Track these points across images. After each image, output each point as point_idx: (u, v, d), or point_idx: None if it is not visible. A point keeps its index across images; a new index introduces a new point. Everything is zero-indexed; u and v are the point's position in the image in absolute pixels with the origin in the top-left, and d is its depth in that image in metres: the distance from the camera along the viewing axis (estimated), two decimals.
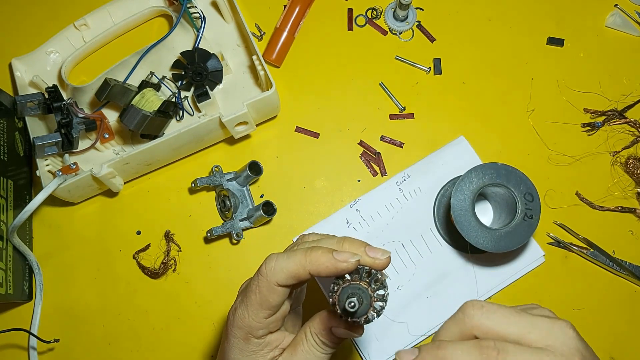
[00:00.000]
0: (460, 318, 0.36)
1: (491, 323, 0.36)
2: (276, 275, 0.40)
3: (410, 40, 0.68)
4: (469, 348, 0.34)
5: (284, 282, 0.40)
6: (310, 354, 0.41)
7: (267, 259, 0.41)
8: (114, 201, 0.66)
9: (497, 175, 0.55)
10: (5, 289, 0.58)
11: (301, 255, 0.39)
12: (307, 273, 0.39)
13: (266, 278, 0.40)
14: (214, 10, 0.68)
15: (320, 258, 0.39)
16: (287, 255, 0.40)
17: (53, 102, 0.59)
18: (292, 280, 0.40)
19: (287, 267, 0.39)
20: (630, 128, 0.64)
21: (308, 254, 0.39)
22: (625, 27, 0.67)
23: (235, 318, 0.42)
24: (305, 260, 0.39)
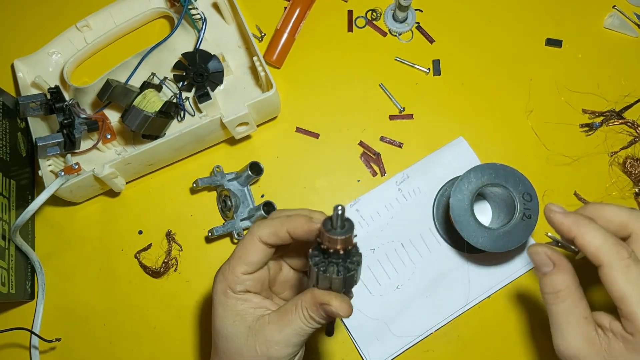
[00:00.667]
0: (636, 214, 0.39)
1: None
2: (260, 230, 0.43)
3: (409, 42, 0.69)
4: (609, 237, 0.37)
5: (265, 238, 0.43)
6: (296, 324, 0.42)
7: (256, 222, 0.45)
8: (115, 201, 0.66)
9: (496, 175, 0.56)
10: (8, 288, 0.58)
11: (283, 217, 0.43)
12: (284, 231, 0.42)
13: (251, 234, 0.44)
14: (215, 11, 0.68)
15: (297, 219, 0.42)
16: (269, 219, 0.44)
17: (55, 102, 0.60)
18: (273, 237, 0.43)
19: (271, 224, 0.43)
20: (628, 128, 0.65)
21: (288, 216, 0.43)
22: (623, 29, 0.68)
23: (217, 275, 0.45)
24: (285, 220, 0.43)
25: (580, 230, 0.38)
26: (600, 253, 0.37)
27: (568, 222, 0.38)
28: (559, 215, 0.39)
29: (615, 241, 0.37)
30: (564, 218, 0.38)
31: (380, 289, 0.61)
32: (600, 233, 0.37)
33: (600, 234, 0.37)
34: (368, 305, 0.61)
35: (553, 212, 0.39)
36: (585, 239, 0.37)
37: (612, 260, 0.36)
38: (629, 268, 0.36)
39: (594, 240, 0.37)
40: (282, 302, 0.48)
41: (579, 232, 0.38)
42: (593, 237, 0.37)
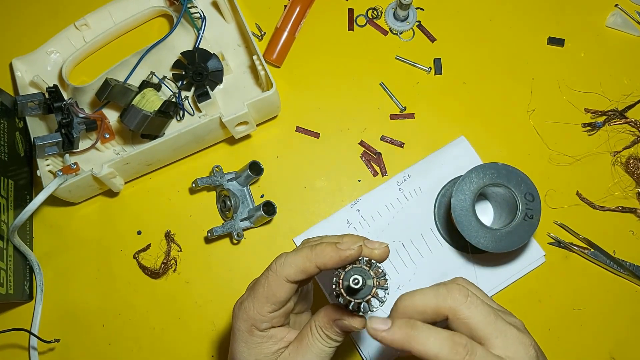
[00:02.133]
0: (443, 294, 0.39)
1: (469, 314, 0.38)
2: (285, 270, 0.41)
3: (410, 40, 0.68)
4: (442, 339, 0.36)
5: (292, 277, 0.41)
6: (315, 347, 0.42)
7: (277, 257, 0.43)
8: (114, 201, 0.66)
9: (498, 175, 0.55)
10: (6, 289, 0.58)
11: (308, 250, 0.41)
12: (314, 266, 0.41)
13: (276, 273, 0.42)
14: (214, 10, 0.68)
15: (325, 249, 0.40)
16: (294, 252, 0.42)
17: (54, 102, 0.59)
18: (301, 274, 0.41)
19: (296, 262, 0.41)
20: (631, 128, 0.64)
21: (314, 248, 0.41)
22: (626, 27, 0.67)
23: (240, 311, 0.43)
24: (312, 254, 0.41)
25: (412, 344, 0.37)
26: (445, 357, 0.36)
27: (399, 339, 0.37)
28: (385, 335, 0.37)
29: (451, 341, 0.36)
30: (392, 335, 0.37)
31: None
32: (433, 339, 0.36)
33: (434, 340, 0.36)
34: None
35: (378, 331, 0.38)
36: (422, 350, 0.36)
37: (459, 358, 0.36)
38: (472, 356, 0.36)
39: (431, 350, 0.36)
40: (301, 318, 0.48)
41: (411, 346, 0.37)
42: (428, 346, 0.36)
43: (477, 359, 0.36)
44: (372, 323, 0.38)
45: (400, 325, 0.38)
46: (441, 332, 0.37)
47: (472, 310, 0.38)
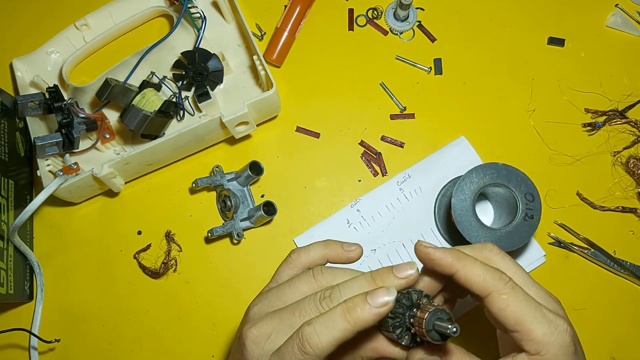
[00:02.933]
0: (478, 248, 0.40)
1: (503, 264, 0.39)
2: (322, 350, 0.36)
3: (410, 40, 0.68)
4: (487, 266, 0.37)
5: (329, 351, 0.36)
6: None
7: (304, 331, 0.36)
8: (114, 201, 0.66)
9: (498, 175, 0.55)
10: (6, 289, 0.58)
11: (341, 320, 0.36)
12: (353, 334, 0.36)
13: (311, 356, 0.36)
14: (214, 10, 0.68)
15: (362, 315, 0.36)
16: (325, 324, 0.36)
17: (54, 102, 0.59)
18: (337, 346, 0.36)
19: (333, 338, 0.36)
20: (631, 128, 0.64)
21: (348, 315, 0.36)
22: (626, 27, 0.67)
23: None
24: (348, 324, 0.36)
25: (461, 264, 0.37)
26: (486, 281, 0.37)
27: (448, 257, 0.38)
28: (438, 253, 0.38)
29: (495, 268, 0.38)
30: (443, 254, 0.38)
31: None
32: (480, 264, 0.37)
33: (480, 265, 0.37)
34: None
35: (428, 248, 0.38)
36: (470, 270, 0.37)
37: (499, 285, 0.37)
38: (515, 289, 0.37)
39: (478, 271, 0.37)
40: None
41: (460, 266, 0.37)
42: (475, 268, 0.37)
43: (518, 287, 0.37)
44: (424, 242, 0.39)
45: (450, 248, 0.38)
46: (486, 264, 0.38)
47: (507, 261, 0.40)
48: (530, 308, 0.36)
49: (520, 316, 0.36)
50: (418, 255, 0.39)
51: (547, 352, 0.36)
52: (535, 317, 0.36)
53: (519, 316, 0.36)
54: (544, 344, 0.36)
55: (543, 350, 0.36)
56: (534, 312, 0.36)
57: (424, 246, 0.39)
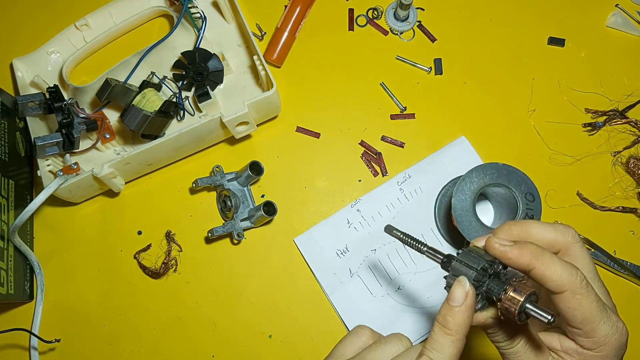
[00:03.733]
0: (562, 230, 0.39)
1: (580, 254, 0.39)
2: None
3: (411, 40, 0.68)
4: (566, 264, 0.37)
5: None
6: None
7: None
8: (114, 201, 0.66)
9: (498, 175, 0.55)
10: (7, 289, 0.58)
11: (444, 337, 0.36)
12: (463, 342, 0.37)
13: None
14: (214, 10, 0.68)
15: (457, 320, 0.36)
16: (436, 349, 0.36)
17: (54, 102, 0.59)
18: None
19: (449, 357, 0.36)
20: (632, 128, 0.64)
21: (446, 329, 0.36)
22: (626, 27, 0.67)
23: None
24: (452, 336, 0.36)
25: (539, 262, 0.37)
26: (563, 280, 0.36)
27: (526, 256, 0.37)
28: (514, 251, 0.37)
29: (572, 266, 0.37)
30: (519, 253, 0.37)
31: (382, 290, 0.61)
32: (557, 260, 0.37)
33: (558, 262, 0.37)
34: (369, 306, 0.60)
35: (504, 247, 0.37)
36: (548, 269, 0.37)
37: (575, 285, 0.36)
38: (589, 289, 0.37)
39: (555, 269, 0.36)
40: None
41: (538, 264, 0.37)
42: (553, 265, 0.37)
43: (591, 288, 0.37)
44: (498, 240, 0.38)
45: (526, 244, 0.37)
46: (563, 260, 0.37)
47: (584, 251, 0.39)
48: (599, 309, 0.36)
49: (588, 316, 0.36)
50: (492, 253, 0.38)
51: (601, 352, 0.36)
52: (602, 318, 0.36)
53: (587, 316, 0.36)
54: (603, 343, 0.36)
55: (599, 349, 0.36)
56: (601, 313, 0.36)
57: (500, 244, 0.37)
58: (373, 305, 0.61)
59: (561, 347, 0.39)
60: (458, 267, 0.38)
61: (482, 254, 0.38)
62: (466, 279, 0.36)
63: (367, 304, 0.61)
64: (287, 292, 0.62)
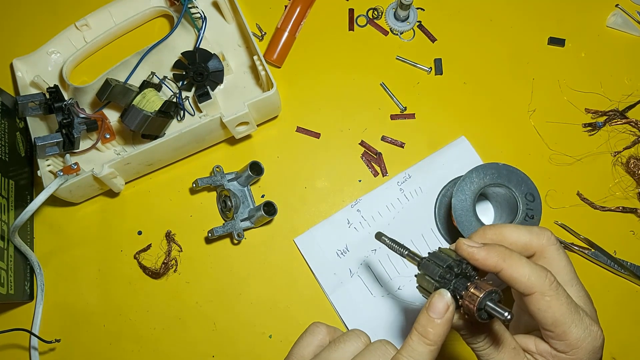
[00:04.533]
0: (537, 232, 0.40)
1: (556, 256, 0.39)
2: None
3: (411, 41, 0.68)
4: (534, 266, 0.37)
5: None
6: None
7: None
8: (115, 201, 0.66)
9: (498, 175, 0.55)
10: (7, 289, 0.58)
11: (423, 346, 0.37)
12: (438, 350, 0.37)
13: None
14: (215, 10, 0.68)
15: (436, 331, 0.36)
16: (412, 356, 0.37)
17: (54, 102, 0.59)
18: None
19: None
20: (632, 128, 0.64)
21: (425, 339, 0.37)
22: (627, 27, 0.67)
23: None
24: (430, 346, 0.36)
25: (506, 263, 0.37)
26: (531, 282, 0.37)
27: (493, 258, 0.37)
28: (482, 252, 0.37)
29: (541, 267, 0.37)
30: (487, 254, 0.37)
31: (382, 290, 0.61)
32: (525, 262, 0.37)
33: (526, 264, 0.37)
34: (369, 306, 0.60)
35: (472, 248, 0.38)
36: (515, 271, 0.37)
37: (544, 287, 0.37)
38: (559, 290, 0.37)
39: (523, 271, 0.37)
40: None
41: (505, 266, 0.37)
42: (521, 267, 0.37)
43: (561, 289, 0.37)
44: (466, 242, 0.38)
45: (494, 246, 0.38)
46: (532, 262, 0.37)
47: (561, 253, 0.39)
48: (570, 311, 0.36)
49: (559, 318, 0.36)
50: (461, 254, 0.38)
51: (574, 355, 0.37)
52: (573, 320, 0.36)
53: (557, 318, 0.36)
54: (575, 346, 0.36)
55: (572, 352, 0.37)
56: (572, 316, 0.36)
57: (467, 245, 0.38)
58: (373, 305, 0.61)
59: (536, 350, 0.39)
60: (427, 264, 0.39)
61: (452, 255, 0.39)
62: (447, 291, 0.37)
63: (367, 304, 0.61)
64: (287, 292, 0.62)
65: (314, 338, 0.41)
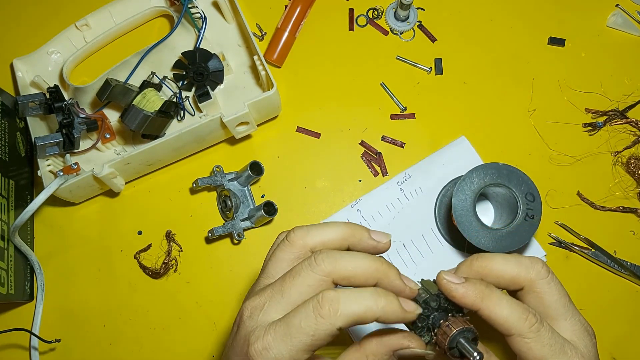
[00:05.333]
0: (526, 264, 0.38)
1: (547, 289, 0.38)
2: (342, 320, 0.34)
3: (411, 40, 0.68)
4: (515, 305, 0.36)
5: (346, 326, 0.34)
6: None
7: (326, 299, 0.34)
8: (115, 201, 0.66)
9: (499, 175, 0.55)
10: (7, 289, 0.58)
11: (371, 299, 0.34)
12: (373, 320, 0.35)
13: (329, 321, 0.34)
14: (215, 10, 0.68)
15: (390, 307, 0.35)
16: (353, 295, 0.34)
17: (54, 102, 0.59)
18: (354, 324, 0.35)
19: (356, 312, 0.34)
20: (632, 128, 0.64)
21: (379, 299, 0.35)
22: (627, 27, 0.67)
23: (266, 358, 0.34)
24: (376, 306, 0.34)
25: (484, 303, 0.36)
26: (509, 324, 0.36)
27: (471, 296, 0.36)
28: (460, 289, 0.36)
29: (522, 308, 0.36)
30: (465, 291, 0.36)
31: None
32: (505, 302, 0.36)
33: (506, 303, 0.36)
34: None
35: (450, 284, 0.36)
36: (493, 311, 0.36)
37: (523, 329, 0.35)
38: (540, 333, 0.36)
39: (502, 312, 0.36)
40: None
41: (483, 305, 0.36)
42: (499, 308, 0.36)
43: (544, 331, 0.36)
44: (446, 275, 0.37)
45: (475, 283, 0.37)
46: (514, 300, 0.36)
47: (552, 287, 0.38)
48: (554, 352, 0.35)
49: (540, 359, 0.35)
50: (440, 288, 0.37)
51: None
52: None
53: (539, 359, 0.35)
54: None
55: None
56: (556, 357, 0.35)
57: (447, 280, 0.37)
58: None
59: None
60: None
61: (432, 288, 0.38)
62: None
63: None
64: None
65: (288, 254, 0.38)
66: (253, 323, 0.35)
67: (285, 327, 0.34)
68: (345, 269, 0.35)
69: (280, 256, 0.38)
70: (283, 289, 0.35)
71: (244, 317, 0.36)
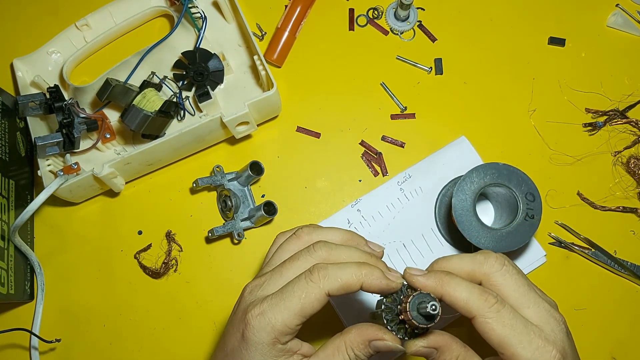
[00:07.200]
0: (479, 260, 0.40)
1: (502, 281, 0.39)
2: (329, 284, 0.38)
3: (411, 40, 0.68)
4: (473, 287, 0.38)
5: (334, 292, 0.39)
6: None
7: (317, 267, 0.39)
8: (115, 201, 0.66)
9: (499, 175, 0.55)
10: (7, 289, 0.58)
11: (355, 269, 0.39)
12: (358, 286, 0.39)
13: (318, 285, 0.38)
14: (215, 10, 0.68)
15: (374, 274, 0.39)
16: (338, 266, 0.39)
17: (54, 102, 0.59)
18: (343, 290, 0.39)
19: (342, 277, 0.39)
20: (632, 128, 0.64)
21: (361, 267, 0.39)
22: (627, 27, 0.67)
23: (262, 322, 0.38)
24: (360, 273, 0.39)
25: (444, 289, 0.38)
26: (470, 305, 0.38)
27: (431, 283, 0.39)
28: (421, 278, 0.39)
29: (480, 290, 0.38)
30: (426, 280, 0.39)
31: None
32: (464, 286, 0.38)
33: (464, 287, 0.38)
34: (370, 306, 0.60)
35: (413, 276, 0.40)
36: (452, 295, 0.38)
37: (483, 309, 0.37)
38: (500, 313, 0.37)
39: (461, 295, 0.38)
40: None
41: (444, 291, 0.38)
42: (458, 291, 0.38)
43: (504, 312, 0.37)
44: (410, 270, 0.40)
45: (436, 272, 0.40)
46: (474, 284, 0.39)
47: (507, 278, 0.39)
48: (516, 332, 0.37)
49: (503, 340, 0.37)
50: (406, 281, 0.40)
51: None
52: (521, 341, 0.37)
53: (502, 340, 0.37)
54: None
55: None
56: (519, 337, 0.37)
57: (410, 274, 0.40)
58: (374, 305, 0.60)
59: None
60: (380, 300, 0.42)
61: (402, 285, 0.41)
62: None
63: (367, 303, 0.61)
64: None
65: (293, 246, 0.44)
66: (252, 297, 0.40)
67: (280, 294, 0.39)
68: (340, 258, 0.40)
69: (286, 247, 0.43)
70: (282, 270, 0.40)
71: (245, 294, 0.41)
